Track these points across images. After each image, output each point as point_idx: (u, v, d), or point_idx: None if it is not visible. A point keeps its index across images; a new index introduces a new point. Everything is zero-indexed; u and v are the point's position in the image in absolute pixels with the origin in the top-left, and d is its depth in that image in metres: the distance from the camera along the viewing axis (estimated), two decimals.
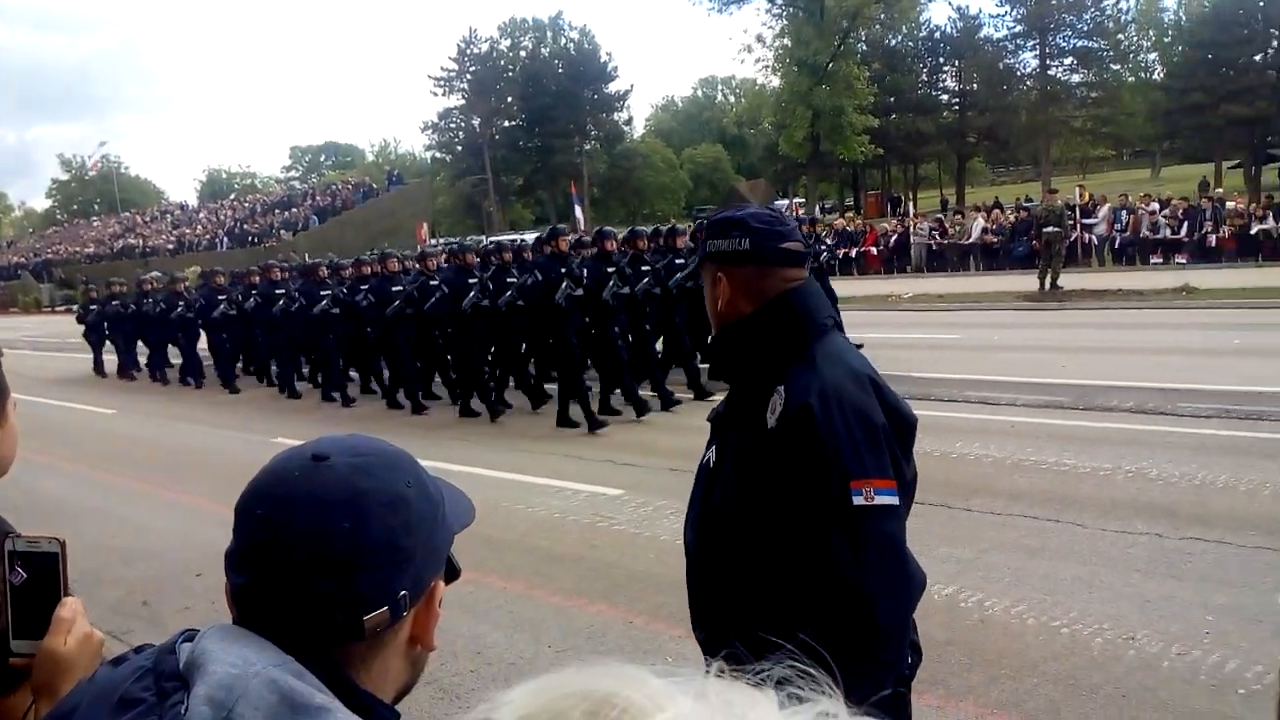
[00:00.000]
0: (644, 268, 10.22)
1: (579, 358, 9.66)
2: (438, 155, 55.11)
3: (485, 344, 10.70)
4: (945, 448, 7.30)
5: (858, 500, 1.64)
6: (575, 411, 9.51)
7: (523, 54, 53.66)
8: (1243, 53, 41.65)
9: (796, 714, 0.45)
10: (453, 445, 9.30)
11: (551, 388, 10.36)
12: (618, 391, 9.98)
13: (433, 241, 26.30)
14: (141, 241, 44.23)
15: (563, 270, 9.49)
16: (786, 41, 41.36)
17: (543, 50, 53.64)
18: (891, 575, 1.66)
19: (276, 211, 42.01)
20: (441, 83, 52.53)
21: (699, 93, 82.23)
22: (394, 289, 11.31)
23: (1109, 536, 5.30)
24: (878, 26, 44.95)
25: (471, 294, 10.31)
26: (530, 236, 13.97)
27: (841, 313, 11.65)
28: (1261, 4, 41.40)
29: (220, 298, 14.72)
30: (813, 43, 39.26)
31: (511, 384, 11.35)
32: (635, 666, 0.48)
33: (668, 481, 6.98)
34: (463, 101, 52.26)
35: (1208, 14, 44.56)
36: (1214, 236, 20.93)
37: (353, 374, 13.08)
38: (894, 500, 1.68)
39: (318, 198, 42.74)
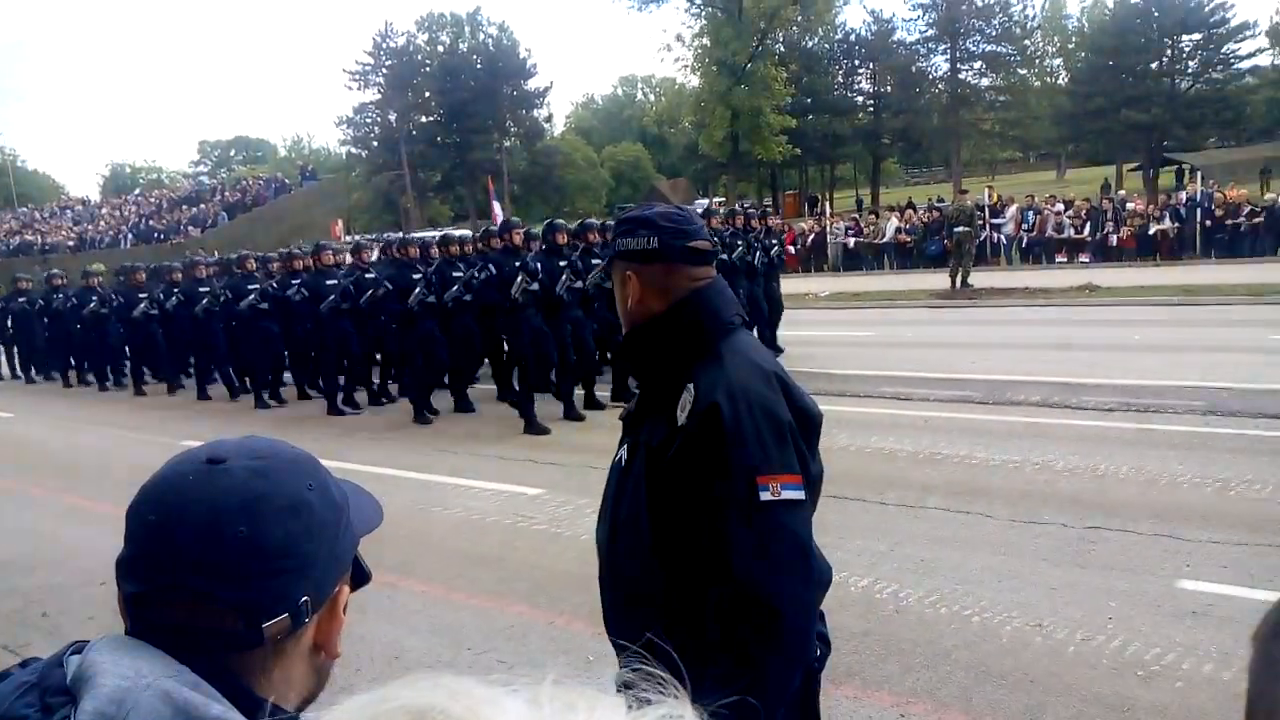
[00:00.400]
0: (594, 261, 9.91)
1: (540, 355, 9.31)
2: (353, 151, 53.99)
3: (434, 341, 10.15)
4: (860, 442, 7.44)
5: (764, 495, 1.66)
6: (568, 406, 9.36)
7: (440, 49, 52.92)
8: (1140, 60, 43.39)
9: (642, 716, 0.45)
10: (370, 447, 9.13)
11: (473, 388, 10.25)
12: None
13: (347, 238, 25.76)
14: (40, 238, 42.38)
15: (518, 264, 9.18)
16: (705, 41, 41.64)
17: (461, 45, 52.99)
18: (797, 569, 1.68)
19: (184, 208, 40.65)
20: (357, 77, 51.54)
21: (619, 91, 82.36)
22: (329, 283, 10.91)
23: (1017, 527, 5.46)
24: (795, 28, 45.54)
25: (418, 290, 9.96)
26: (458, 233, 13.61)
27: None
28: (1157, 15, 43.20)
29: (141, 295, 13.96)
30: (731, 43, 39.62)
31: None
32: (467, 679, 0.48)
33: (588, 480, 6.96)
34: (379, 96, 51.33)
35: (1108, 23, 46.36)
36: (1115, 237, 21.81)
37: (286, 376, 12.58)
38: (800, 495, 1.70)
39: (227, 193, 41.50)
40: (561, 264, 9.48)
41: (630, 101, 79.65)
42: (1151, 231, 21.46)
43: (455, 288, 9.80)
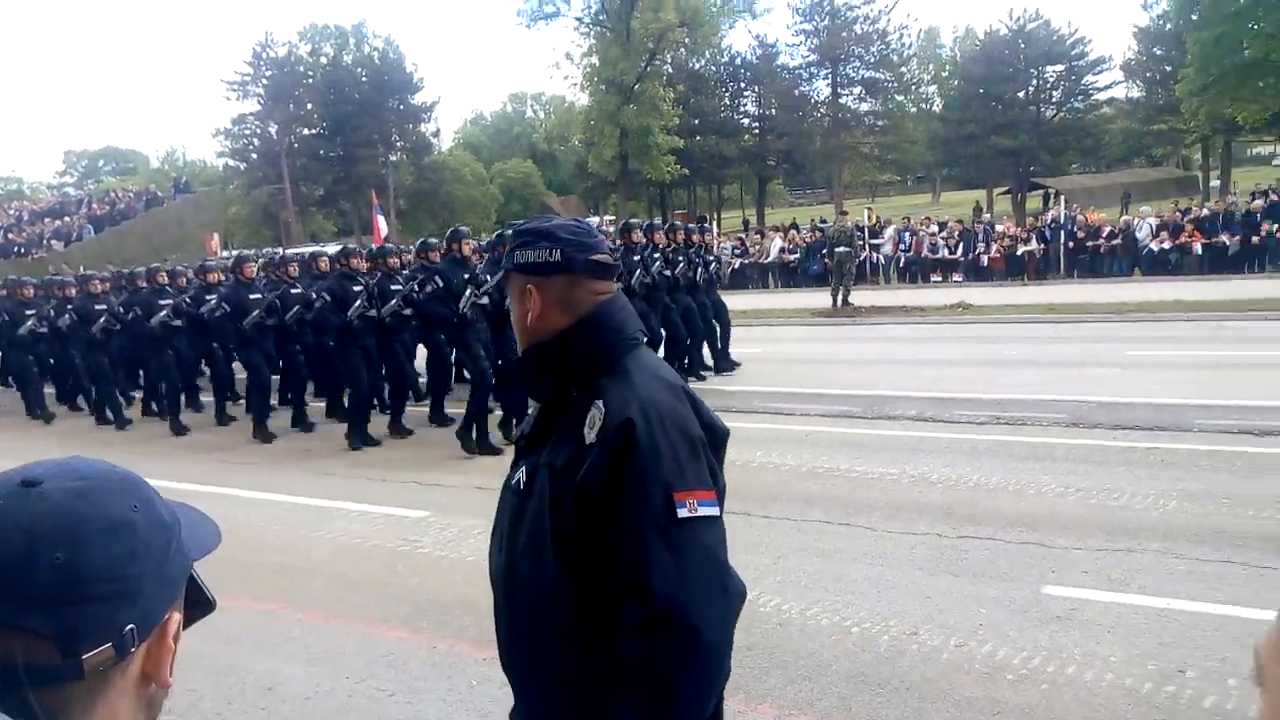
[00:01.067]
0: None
1: (491, 371, 8.82)
2: (231, 163, 52.06)
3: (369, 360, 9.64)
4: (745, 457, 7.54)
5: (681, 512, 1.62)
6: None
7: (324, 60, 51.67)
8: (1009, 90, 45.67)
9: None
10: (250, 471, 8.81)
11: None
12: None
13: (224, 254, 24.84)
14: None
15: (466, 276, 8.80)
16: (594, 60, 41.85)
17: (345, 58, 51.78)
18: (714, 586, 1.65)
19: (47, 220, 38.51)
20: (235, 87, 49.80)
21: (509, 107, 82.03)
22: (252, 297, 10.34)
23: (894, 537, 5.62)
24: (683, 50, 46.21)
25: (358, 303, 9.29)
26: (332, 249, 13.21)
27: (732, 327, 12.10)
28: (1023, 47, 45.61)
29: (29, 312, 12.77)
30: (620, 63, 39.92)
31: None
32: None
33: (475, 501, 6.86)
34: (259, 107, 49.73)
35: (979, 53, 48.64)
36: (986, 257, 22.81)
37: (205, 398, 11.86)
38: (715, 511, 1.68)
39: (94, 206, 39.51)
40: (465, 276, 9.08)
41: (520, 118, 79.43)
42: (1019, 252, 22.52)
43: (394, 301, 9.20)
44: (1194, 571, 4.90)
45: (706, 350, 11.94)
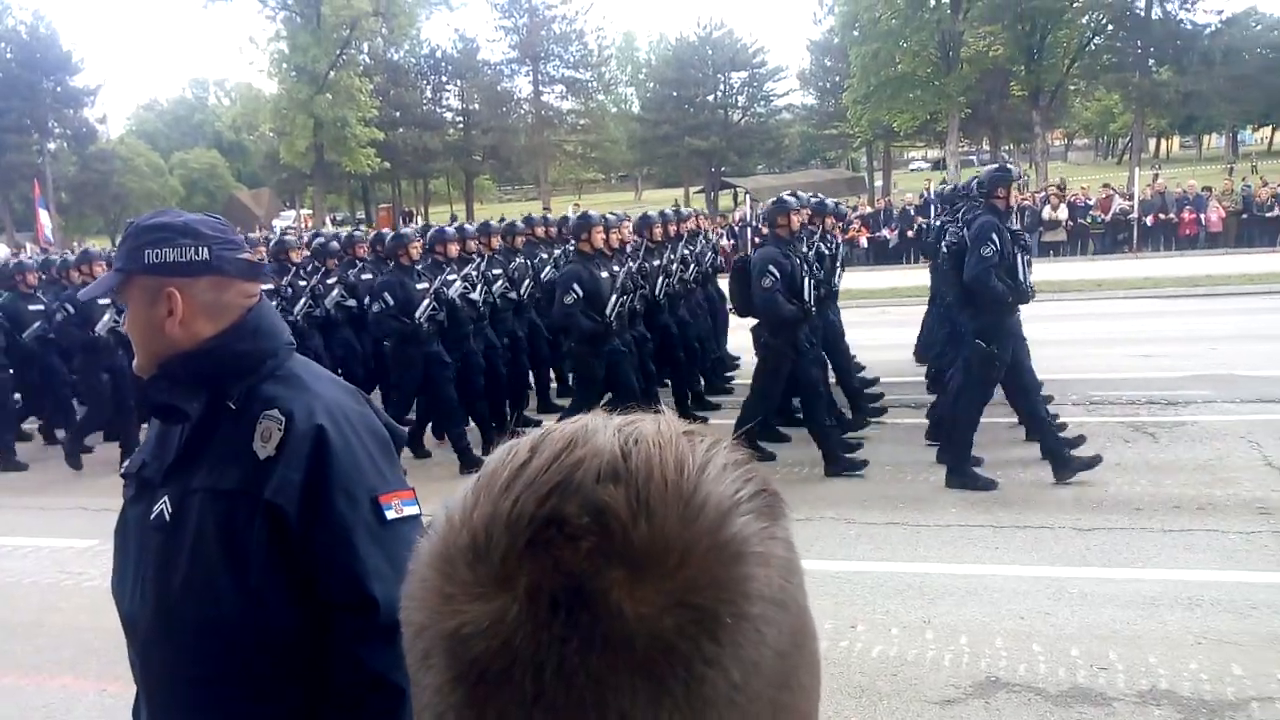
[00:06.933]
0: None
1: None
2: None
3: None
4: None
5: (389, 514, 1.55)
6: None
7: None
8: (699, 93, 48.41)
9: None
10: None
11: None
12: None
13: None
14: None
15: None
16: (283, 46, 39.54)
17: None
18: None
19: None
20: None
21: (190, 94, 75.79)
22: (32, 309, 8.72)
23: None
24: (380, 40, 44.79)
25: (302, 301, 8.52)
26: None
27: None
28: (711, 53, 48.49)
29: None
30: (311, 49, 37.95)
31: None
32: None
33: None
34: None
35: (671, 57, 51.08)
36: None
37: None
38: (418, 509, 1.61)
39: None
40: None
41: (202, 105, 73.56)
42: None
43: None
44: (862, 535, 5.38)
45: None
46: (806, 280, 6.61)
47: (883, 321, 13.63)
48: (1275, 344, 9.43)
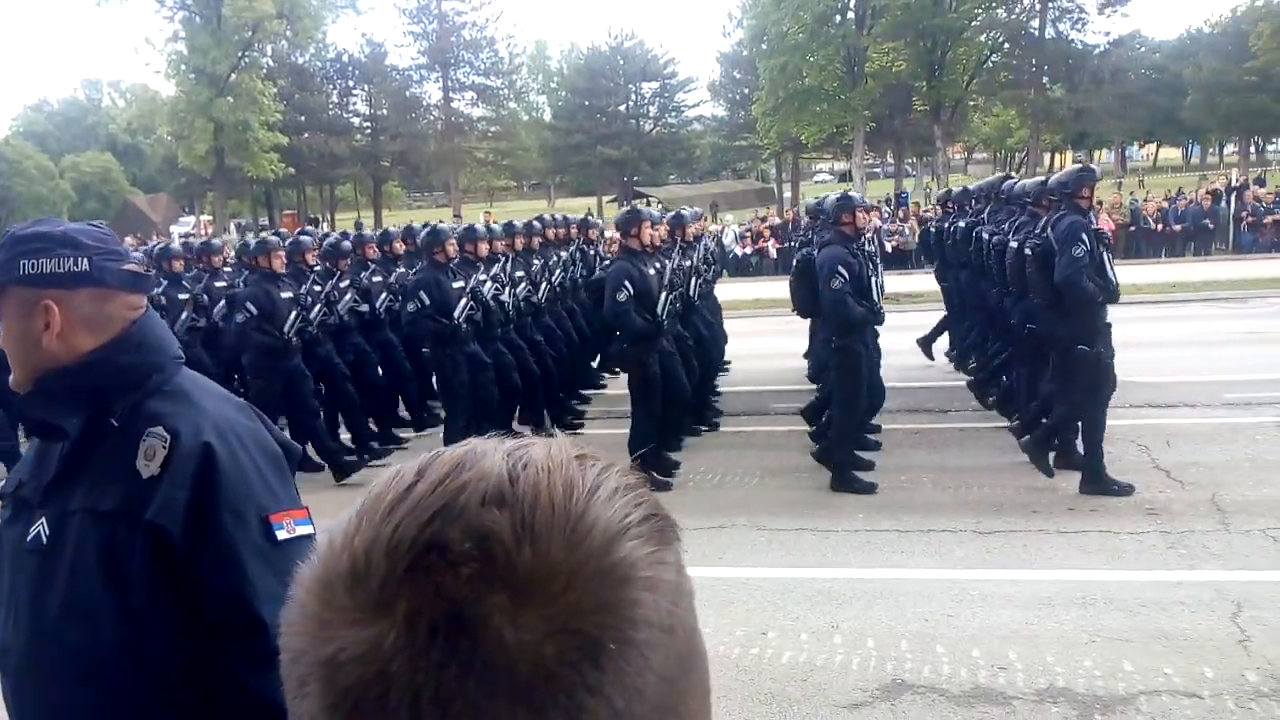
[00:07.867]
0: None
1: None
2: None
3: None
4: None
5: (280, 534, 1.50)
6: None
7: None
8: (611, 103, 48.61)
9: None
10: None
11: None
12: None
13: None
14: None
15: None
16: (181, 47, 38.27)
17: None
18: None
19: None
20: None
21: (83, 94, 72.78)
22: None
23: None
24: (284, 43, 43.72)
25: (317, 308, 7.53)
26: None
27: None
28: (623, 63, 48.72)
29: None
30: (211, 51, 36.81)
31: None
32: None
33: None
34: None
35: (583, 66, 51.16)
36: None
37: None
38: (311, 529, 1.55)
39: None
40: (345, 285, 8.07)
41: (95, 107, 70.70)
42: None
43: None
44: (772, 541, 5.44)
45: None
46: (873, 280, 6.43)
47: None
48: (1161, 350, 9.86)
